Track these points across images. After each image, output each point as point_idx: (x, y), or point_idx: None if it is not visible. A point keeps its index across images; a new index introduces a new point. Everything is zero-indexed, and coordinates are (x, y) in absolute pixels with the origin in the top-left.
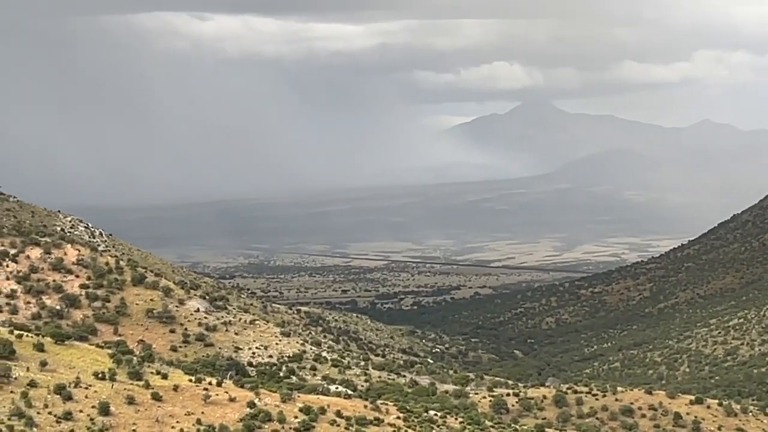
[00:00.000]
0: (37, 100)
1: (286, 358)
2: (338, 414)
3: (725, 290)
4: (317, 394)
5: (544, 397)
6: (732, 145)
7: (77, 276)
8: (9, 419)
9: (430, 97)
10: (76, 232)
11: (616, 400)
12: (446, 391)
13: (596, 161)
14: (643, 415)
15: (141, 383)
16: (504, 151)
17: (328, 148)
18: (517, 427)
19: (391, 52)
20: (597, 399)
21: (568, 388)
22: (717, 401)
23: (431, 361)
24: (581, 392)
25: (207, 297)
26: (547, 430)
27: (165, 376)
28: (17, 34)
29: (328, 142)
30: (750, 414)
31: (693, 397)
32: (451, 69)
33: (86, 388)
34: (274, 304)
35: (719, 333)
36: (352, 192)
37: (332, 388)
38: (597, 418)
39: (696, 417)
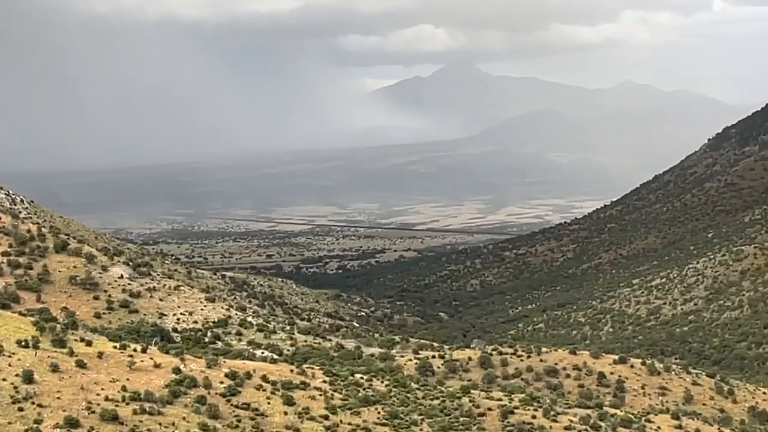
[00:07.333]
0: None
1: (211, 324)
2: (264, 378)
3: (647, 250)
4: (243, 359)
5: (470, 358)
6: (653, 105)
7: None
8: None
9: (355, 61)
10: None
11: (541, 360)
12: (372, 355)
13: (520, 123)
14: (568, 375)
15: (65, 350)
16: (428, 114)
17: (253, 112)
18: (443, 389)
19: (315, 14)
20: (522, 360)
21: (493, 350)
22: (640, 360)
23: (357, 325)
24: (506, 353)
25: (131, 263)
26: (472, 391)
27: (89, 343)
28: None
29: (253, 107)
30: (673, 372)
31: (617, 357)
32: (377, 32)
33: (9, 356)
34: (198, 270)
35: (642, 293)
36: (277, 156)
37: (258, 352)
38: (522, 379)
39: (620, 376)
